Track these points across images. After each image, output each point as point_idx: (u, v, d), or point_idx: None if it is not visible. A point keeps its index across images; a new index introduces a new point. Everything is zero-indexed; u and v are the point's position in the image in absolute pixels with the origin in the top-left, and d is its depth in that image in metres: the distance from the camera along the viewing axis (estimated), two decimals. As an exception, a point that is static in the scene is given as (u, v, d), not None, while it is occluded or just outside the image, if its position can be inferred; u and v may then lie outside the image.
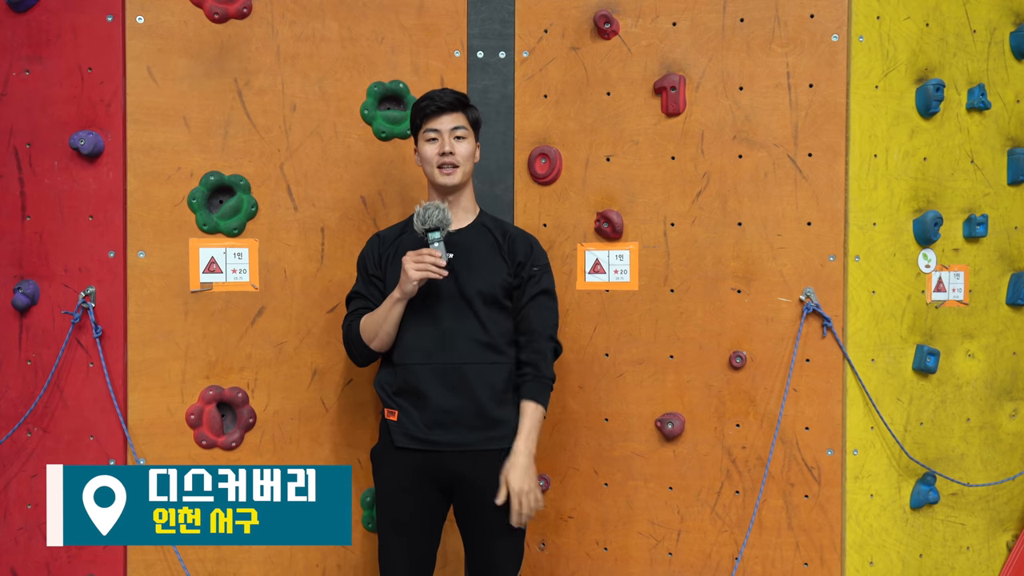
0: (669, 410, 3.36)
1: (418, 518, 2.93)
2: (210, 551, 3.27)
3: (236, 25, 3.28)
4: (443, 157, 2.92)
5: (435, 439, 2.88)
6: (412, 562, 2.94)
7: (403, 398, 2.92)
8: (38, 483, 3.25)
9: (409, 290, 2.85)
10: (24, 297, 3.24)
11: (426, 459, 2.89)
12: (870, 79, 3.32)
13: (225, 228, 3.27)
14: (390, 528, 2.95)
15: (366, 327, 2.94)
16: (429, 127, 2.94)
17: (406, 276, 2.83)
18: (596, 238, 3.38)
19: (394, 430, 2.93)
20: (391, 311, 2.89)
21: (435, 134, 2.93)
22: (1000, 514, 3.67)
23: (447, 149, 2.92)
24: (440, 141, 2.93)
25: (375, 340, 2.94)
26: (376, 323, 2.92)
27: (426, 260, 2.82)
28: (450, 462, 2.89)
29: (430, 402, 2.88)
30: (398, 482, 2.93)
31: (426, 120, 2.94)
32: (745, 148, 3.32)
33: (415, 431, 2.90)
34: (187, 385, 3.27)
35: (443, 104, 2.93)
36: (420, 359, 2.90)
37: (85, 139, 3.19)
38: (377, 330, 2.92)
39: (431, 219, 2.85)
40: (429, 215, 2.85)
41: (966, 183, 3.53)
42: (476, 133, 3.01)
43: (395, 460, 2.93)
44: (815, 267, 3.30)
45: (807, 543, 3.33)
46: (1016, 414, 3.67)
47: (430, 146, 2.94)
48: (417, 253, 2.84)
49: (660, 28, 3.33)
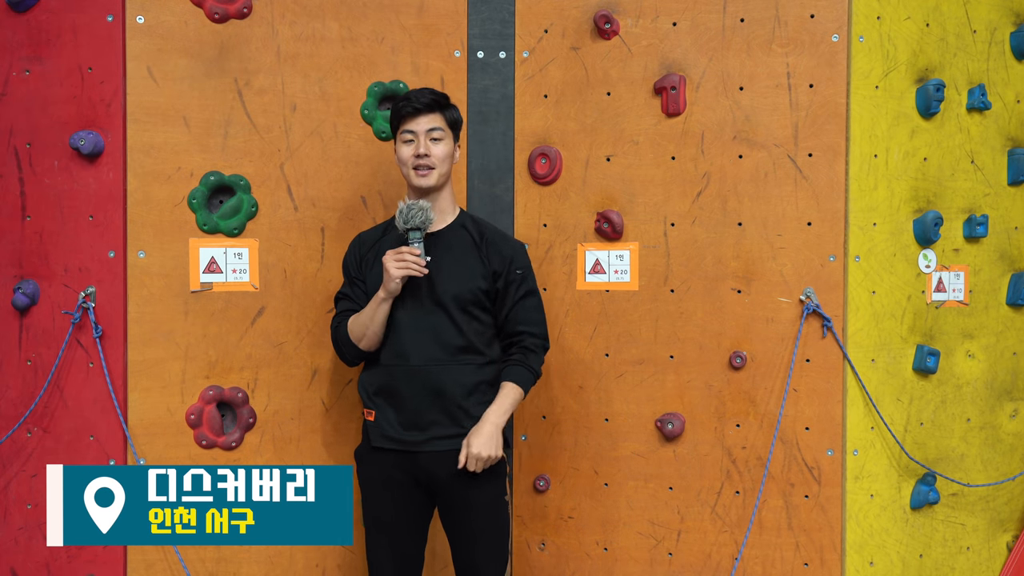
0: (669, 410, 3.36)
1: (401, 517, 2.95)
2: (210, 551, 3.27)
3: (236, 25, 3.28)
4: (419, 159, 2.91)
5: (410, 439, 2.90)
6: (396, 561, 2.96)
7: (380, 398, 2.94)
8: (38, 483, 3.25)
9: (393, 288, 2.87)
10: (24, 297, 3.24)
11: (403, 459, 2.91)
12: (870, 79, 3.32)
13: (225, 228, 3.27)
14: (372, 526, 2.97)
15: (353, 327, 2.96)
16: (405, 128, 2.93)
17: (388, 275, 2.85)
18: (596, 238, 3.38)
19: (371, 430, 2.96)
20: (377, 311, 2.91)
21: (411, 135, 2.92)
22: (1000, 514, 3.67)
23: (422, 151, 2.90)
24: (416, 143, 2.92)
25: (363, 340, 2.95)
26: (363, 323, 2.94)
27: (407, 258, 2.83)
28: (426, 463, 2.90)
29: (405, 403, 2.90)
30: (378, 480, 2.95)
31: (403, 121, 2.94)
32: (745, 148, 3.32)
33: (391, 431, 2.92)
34: (187, 385, 3.27)
35: (419, 105, 2.92)
36: (396, 360, 2.92)
37: (85, 139, 3.19)
38: (364, 330, 2.93)
39: (413, 219, 2.86)
40: (412, 215, 2.86)
41: (966, 183, 3.52)
42: (455, 133, 3.00)
43: (374, 459, 2.96)
44: (815, 267, 3.30)
45: (807, 543, 3.33)
46: (1016, 414, 3.67)
47: (406, 148, 2.93)
48: (397, 252, 2.85)
49: (660, 28, 3.33)
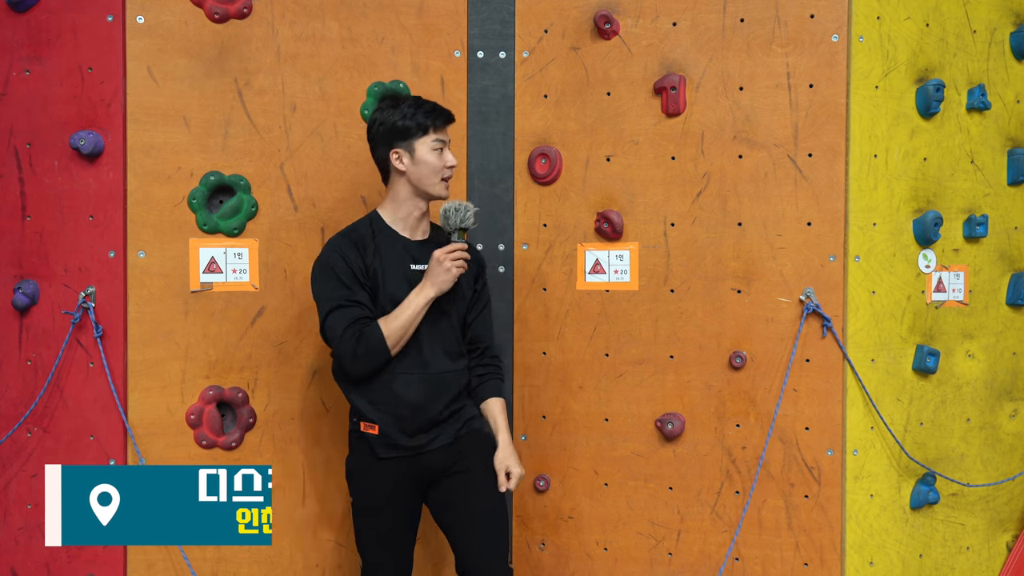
0: (669, 410, 3.36)
1: (400, 525, 2.93)
2: (210, 551, 3.27)
3: (236, 25, 3.28)
4: (450, 170, 2.92)
5: (417, 444, 2.89)
6: (397, 569, 2.97)
7: (385, 408, 2.87)
8: (38, 483, 3.25)
9: (447, 287, 2.84)
10: (24, 297, 3.24)
11: (409, 464, 2.89)
12: (870, 79, 3.32)
13: (225, 228, 3.27)
14: (375, 542, 2.93)
15: (391, 332, 2.80)
16: (439, 137, 2.90)
17: (447, 273, 2.82)
18: (596, 238, 3.38)
19: (375, 443, 2.88)
20: (423, 310, 2.84)
21: (441, 144, 2.91)
22: (1000, 514, 3.67)
23: (453, 162, 2.92)
24: (446, 152, 2.91)
25: (398, 344, 2.83)
26: (403, 326, 2.82)
27: (460, 255, 2.84)
28: (429, 460, 2.90)
29: (415, 410, 2.87)
30: (383, 493, 2.90)
31: (437, 130, 2.90)
32: (745, 148, 3.32)
33: (399, 440, 2.87)
34: (187, 385, 3.27)
35: (450, 117, 2.94)
36: (415, 368, 2.87)
37: (85, 139, 3.19)
38: (404, 332, 2.82)
39: (467, 220, 2.87)
40: (466, 216, 2.87)
41: (966, 183, 3.52)
42: None
43: (381, 471, 2.89)
44: (815, 267, 3.30)
45: (807, 543, 3.33)
46: (1016, 414, 3.67)
47: (436, 155, 2.89)
48: (450, 250, 2.84)
49: (660, 28, 3.33)
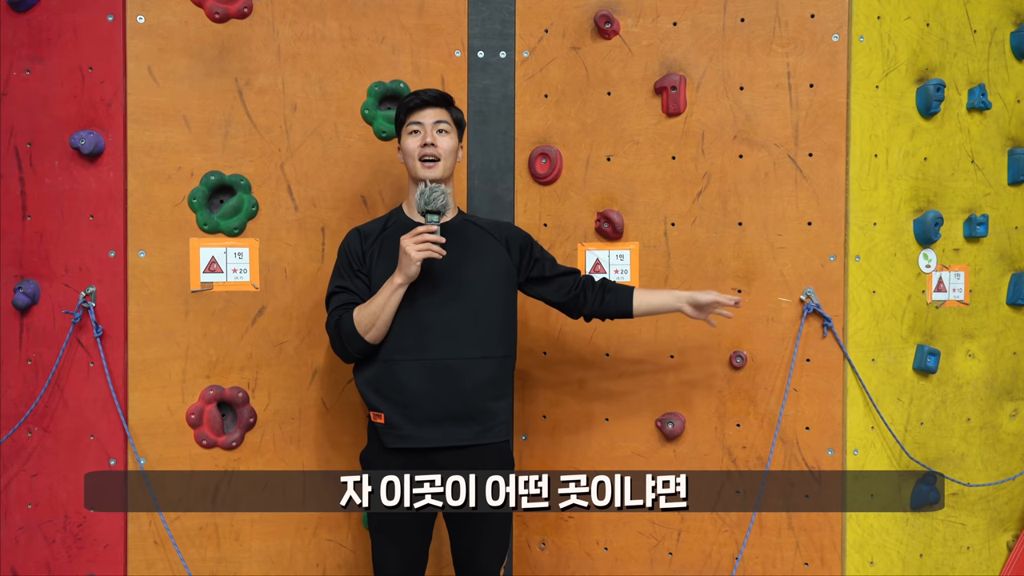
0: (669, 410, 3.36)
1: (410, 519, 2.87)
2: (210, 551, 3.27)
3: (237, 25, 3.28)
4: (425, 149, 2.89)
5: (425, 436, 2.83)
6: (405, 562, 2.92)
7: (389, 397, 2.85)
8: (38, 483, 3.25)
9: (412, 272, 2.78)
10: (25, 297, 3.23)
11: (419, 459, 2.83)
12: (871, 79, 3.32)
13: (226, 228, 3.27)
14: (379, 529, 2.91)
15: (361, 319, 2.83)
16: (412, 120, 2.92)
17: (408, 258, 2.77)
18: (597, 238, 3.38)
19: (383, 432, 2.87)
20: (391, 298, 2.81)
21: (418, 127, 2.91)
22: (1000, 514, 3.67)
23: (429, 140, 2.89)
24: (423, 133, 2.91)
25: (371, 331, 2.83)
26: (373, 313, 2.83)
27: (427, 238, 2.77)
28: (443, 462, 2.82)
29: (419, 399, 2.83)
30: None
31: (410, 114, 2.93)
32: (746, 148, 3.32)
33: (405, 430, 2.84)
34: (187, 385, 3.27)
35: (427, 98, 2.93)
36: (405, 354, 2.84)
37: (85, 139, 3.19)
38: (374, 320, 2.82)
39: (435, 201, 2.81)
40: (434, 197, 2.81)
41: (966, 183, 3.53)
42: (460, 133, 2.99)
43: (387, 462, 2.85)
44: (815, 267, 3.30)
45: (807, 543, 3.33)
46: (1016, 414, 3.67)
47: (412, 139, 2.91)
48: (415, 233, 2.79)
49: (661, 28, 3.33)
